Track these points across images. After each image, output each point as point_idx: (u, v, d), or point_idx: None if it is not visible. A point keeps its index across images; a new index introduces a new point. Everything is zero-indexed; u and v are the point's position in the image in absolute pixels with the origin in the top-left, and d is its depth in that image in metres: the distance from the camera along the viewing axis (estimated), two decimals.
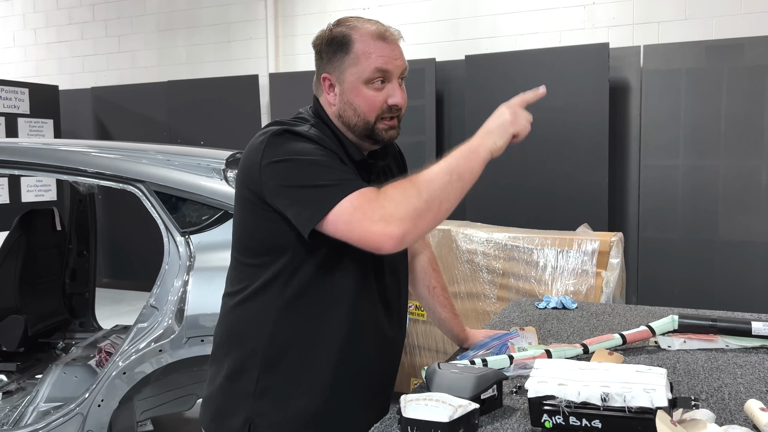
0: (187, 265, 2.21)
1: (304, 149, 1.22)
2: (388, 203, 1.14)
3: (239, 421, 1.31)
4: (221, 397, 1.35)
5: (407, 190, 1.14)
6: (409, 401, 1.08)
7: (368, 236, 1.14)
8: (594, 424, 1.04)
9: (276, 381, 1.30)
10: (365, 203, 1.14)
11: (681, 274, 4.65)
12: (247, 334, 1.32)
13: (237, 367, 1.33)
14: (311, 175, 1.19)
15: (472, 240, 3.12)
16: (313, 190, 1.17)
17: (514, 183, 4.73)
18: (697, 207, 4.62)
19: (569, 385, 1.06)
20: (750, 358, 1.51)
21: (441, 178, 1.15)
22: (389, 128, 1.32)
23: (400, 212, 1.13)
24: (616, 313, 1.98)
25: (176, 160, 2.44)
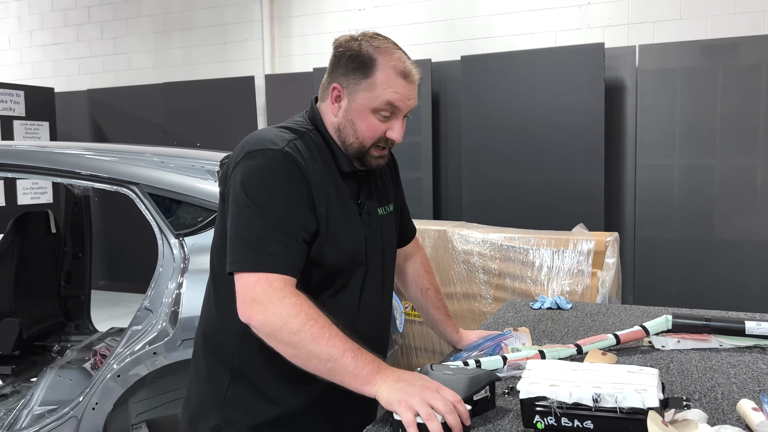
0: (182, 268, 2.20)
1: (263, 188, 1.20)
2: (275, 304, 1.14)
3: (209, 426, 1.31)
4: (197, 399, 1.36)
5: (295, 318, 1.13)
6: None
7: (239, 301, 1.17)
8: (586, 425, 1.04)
9: (244, 389, 1.29)
10: (264, 282, 1.15)
11: (677, 273, 4.66)
12: (219, 341, 1.32)
13: (210, 372, 1.34)
14: (252, 228, 1.19)
15: (468, 240, 3.12)
16: (245, 245, 1.18)
17: (510, 183, 4.73)
18: (693, 206, 4.62)
19: (561, 386, 1.06)
20: (743, 358, 1.51)
21: (320, 351, 1.12)
22: (379, 157, 1.33)
23: (270, 319, 1.14)
24: (611, 313, 1.98)
25: (170, 162, 2.44)
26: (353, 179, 1.35)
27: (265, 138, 1.26)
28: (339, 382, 1.13)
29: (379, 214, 1.41)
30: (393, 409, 1.06)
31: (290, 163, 1.23)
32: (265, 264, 1.17)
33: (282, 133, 1.29)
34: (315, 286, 1.26)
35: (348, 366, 1.11)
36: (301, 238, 1.21)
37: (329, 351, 1.11)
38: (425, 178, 5.07)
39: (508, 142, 4.73)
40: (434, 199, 5.17)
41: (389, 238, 1.45)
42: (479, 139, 4.81)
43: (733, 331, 1.59)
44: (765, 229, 4.46)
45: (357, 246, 1.32)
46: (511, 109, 4.69)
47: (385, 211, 1.44)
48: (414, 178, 5.04)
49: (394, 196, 1.50)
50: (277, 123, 1.36)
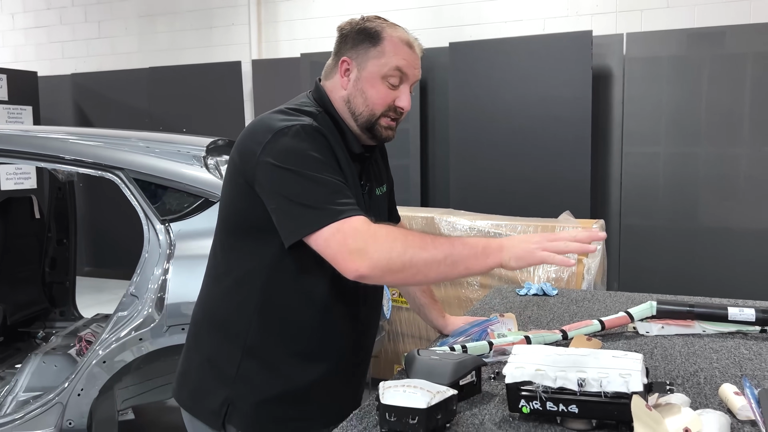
0: (167, 253, 2.19)
1: (304, 158, 1.21)
2: (371, 242, 1.15)
3: (217, 401, 1.32)
4: (200, 377, 1.36)
5: (395, 242, 1.15)
6: (387, 388, 1.08)
7: (338, 261, 1.17)
8: (571, 409, 1.05)
9: (256, 365, 1.31)
10: (349, 231, 1.16)
11: (662, 260, 4.70)
12: (231, 319, 1.33)
13: (219, 350, 1.34)
14: (305, 192, 1.19)
15: (455, 227, 3.13)
16: (303, 208, 1.18)
17: (497, 170, 4.73)
18: (678, 194, 4.66)
19: (546, 371, 1.07)
20: (726, 343, 1.53)
21: (434, 254, 1.15)
22: (388, 127, 1.35)
23: (376, 257, 1.14)
24: (596, 299, 2.00)
25: (156, 147, 2.42)
26: (358, 160, 1.37)
27: (284, 119, 1.26)
28: (464, 271, 1.17)
29: (377, 194, 1.45)
30: (530, 261, 1.14)
31: (320, 135, 1.25)
32: (338, 213, 1.17)
33: (299, 114, 1.29)
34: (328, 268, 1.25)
35: (464, 251, 1.16)
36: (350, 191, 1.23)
37: (442, 249, 1.15)
38: (413, 166, 5.07)
39: (495, 129, 4.73)
40: (422, 187, 5.17)
41: (384, 216, 1.49)
42: (467, 126, 4.80)
43: (716, 317, 1.61)
44: (748, 217, 4.51)
45: None
46: (499, 96, 4.69)
47: (380, 192, 1.47)
48: (402, 165, 5.04)
49: (387, 179, 1.52)
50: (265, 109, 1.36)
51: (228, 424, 1.32)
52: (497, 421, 1.12)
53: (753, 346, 1.50)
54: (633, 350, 1.50)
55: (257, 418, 1.31)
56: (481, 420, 1.13)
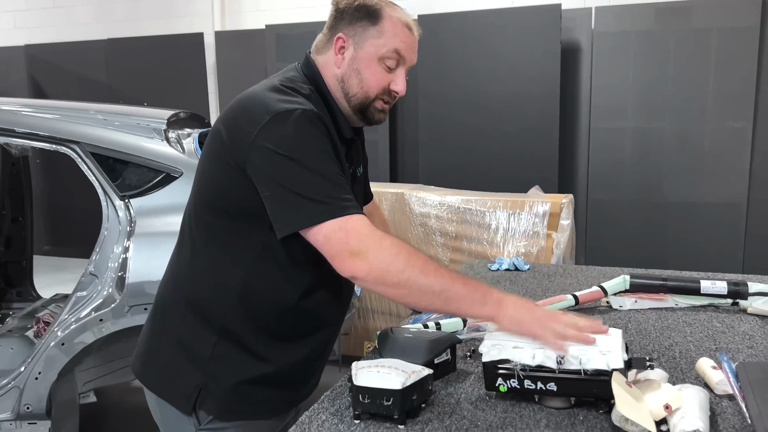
0: (128, 231, 2.10)
1: (306, 148, 1.14)
2: (374, 248, 1.11)
3: (189, 385, 1.26)
4: (170, 358, 1.30)
5: (398, 256, 1.10)
6: (360, 368, 1.03)
7: (336, 259, 1.12)
8: (549, 387, 1.02)
9: (232, 348, 1.25)
10: (353, 231, 1.11)
11: (627, 234, 4.75)
12: (207, 300, 1.26)
13: (192, 331, 1.28)
14: (307, 183, 1.13)
15: (425, 203, 3.09)
16: (303, 200, 1.12)
17: (466, 146, 4.70)
18: (644, 169, 4.70)
19: (524, 349, 1.04)
20: (699, 317, 1.52)
21: (432, 283, 1.10)
22: (381, 110, 1.29)
23: (375, 264, 1.10)
24: (568, 273, 1.98)
25: (114, 120, 2.31)
26: (345, 143, 1.31)
27: (282, 99, 1.19)
28: (455, 311, 1.14)
29: (358, 174, 1.41)
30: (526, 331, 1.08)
31: (320, 122, 1.18)
32: (341, 209, 1.12)
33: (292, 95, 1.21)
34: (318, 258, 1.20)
35: (461, 292, 1.11)
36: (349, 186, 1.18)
37: (440, 282, 1.10)
38: (381, 141, 5.00)
39: (464, 104, 4.69)
40: (391, 162, 5.12)
41: (360, 199, 1.45)
42: (435, 100, 4.75)
43: (688, 290, 1.60)
44: (711, 191, 4.58)
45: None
46: (468, 69, 4.64)
47: (360, 174, 1.42)
48: (371, 141, 4.95)
49: (365, 160, 1.48)
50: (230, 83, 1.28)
51: (199, 409, 1.26)
52: (473, 400, 1.09)
53: (725, 319, 1.50)
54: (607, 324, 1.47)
55: (231, 401, 1.26)
56: (457, 399, 1.10)
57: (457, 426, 1.00)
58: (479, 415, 1.03)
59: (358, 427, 1.00)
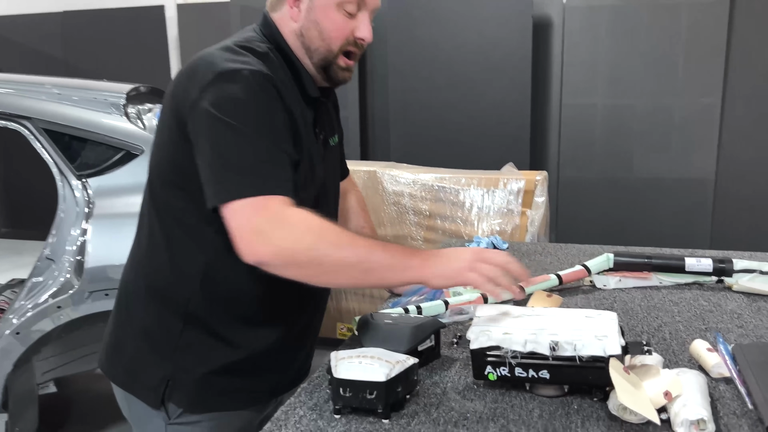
0: (86, 212, 1.98)
1: (246, 112, 1.05)
2: (279, 227, 1.00)
3: (156, 377, 1.18)
4: (135, 350, 1.22)
5: (307, 233, 1.01)
6: (340, 359, 0.96)
7: (237, 239, 1.02)
8: (541, 375, 0.96)
9: (199, 335, 1.17)
10: (261, 208, 1.01)
11: (598, 211, 4.75)
12: (170, 287, 1.17)
13: (157, 320, 1.19)
14: (236, 151, 1.03)
15: (398, 181, 3.01)
16: (227, 170, 1.03)
17: (438, 122, 4.63)
18: (614, 145, 4.69)
19: (515, 334, 0.97)
20: (684, 295, 1.48)
21: (347, 255, 1.01)
22: (346, 68, 1.19)
23: (279, 244, 1.00)
24: (547, 252, 1.93)
25: (69, 95, 2.17)
26: (313, 106, 1.22)
27: (230, 58, 1.09)
28: (378, 281, 1.06)
29: (331, 144, 1.31)
30: (455, 281, 1.03)
31: (270, 85, 1.08)
32: (261, 187, 1.02)
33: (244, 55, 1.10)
34: None
35: (381, 260, 1.02)
36: (290, 165, 1.08)
37: (356, 252, 1.01)
38: (352, 118, 4.89)
39: (435, 80, 4.61)
40: (362, 140, 5.02)
41: (336, 172, 1.37)
42: (406, 76, 4.66)
43: (673, 268, 1.56)
44: (680, 167, 4.60)
45: (319, 180, 1.22)
46: (439, 45, 4.55)
47: (334, 143, 1.33)
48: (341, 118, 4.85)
49: (339, 130, 1.38)
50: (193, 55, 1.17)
51: (168, 402, 1.18)
52: (461, 390, 1.03)
53: (711, 297, 1.46)
54: (592, 305, 1.44)
55: (200, 392, 1.18)
56: (444, 389, 1.03)
57: (445, 419, 0.93)
58: (468, 406, 0.97)
59: (339, 423, 0.93)
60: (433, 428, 0.91)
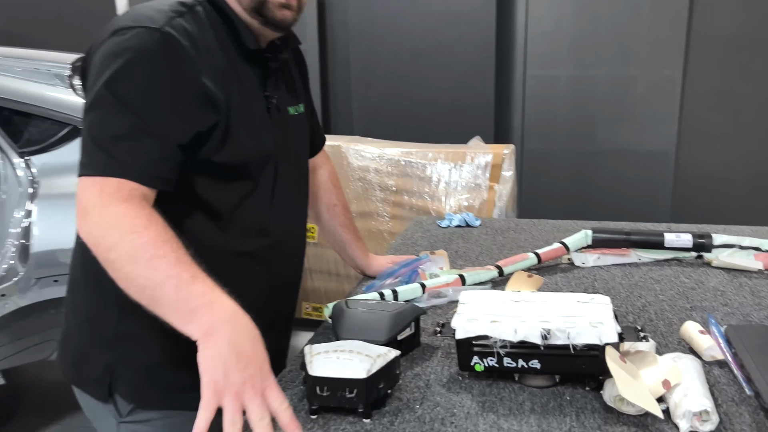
0: (30, 193, 1.84)
1: (134, 83, 0.94)
2: (98, 213, 0.90)
3: (99, 368, 1.10)
4: (80, 340, 1.14)
5: (112, 231, 0.89)
6: (315, 354, 0.87)
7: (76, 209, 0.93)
8: (532, 365, 0.90)
9: (137, 324, 1.06)
10: (96, 189, 0.92)
11: (561, 184, 4.74)
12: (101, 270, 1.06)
13: (94, 307, 1.11)
14: (104, 122, 0.94)
15: (363, 156, 2.92)
16: (95, 146, 0.93)
17: (402, 94, 4.53)
18: (577, 117, 4.67)
19: (504, 322, 0.91)
20: (664, 272, 1.44)
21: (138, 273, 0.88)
22: (284, 6, 1.05)
23: (90, 230, 0.91)
24: (521, 228, 1.87)
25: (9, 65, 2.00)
26: (258, 65, 1.10)
27: (142, 14, 0.98)
28: (162, 315, 0.87)
29: (291, 113, 1.19)
30: (203, 384, 0.80)
31: (171, 47, 0.96)
32: (108, 168, 0.92)
33: (162, 8, 1.00)
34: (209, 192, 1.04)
35: (168, 296, 0.86)
36: (174, 142, 0.96)
37: (147, 274, 0.87)
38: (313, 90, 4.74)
39: (397, 51, 4.49)
40: (323, 112, 4.88)
41: (302, 143, 1.25)
42: (367, 47, 4.53)
43: (652, 244, 1.52)
44: (643, 138, 4.61)
45: (262, 147, 1.09)
46: (401, 16, 4.43)
47: (296, 111, 1.22)
48: None
49: (304, 96, 1.26)
50: None
51: (115, 395, 1.10)
52: (445, 382, 0.96)
53: (692, 274, 1.42)
54: (572, 284, 1.39)
55: (146, 386, 1.10)
56: (427, 381, 0.96)
57: (431, 416, 0.86)
58: (454, 400, 0.90)
59: (316, 425, 0.85)
60: (418, 427, 0.84)
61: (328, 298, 3.02)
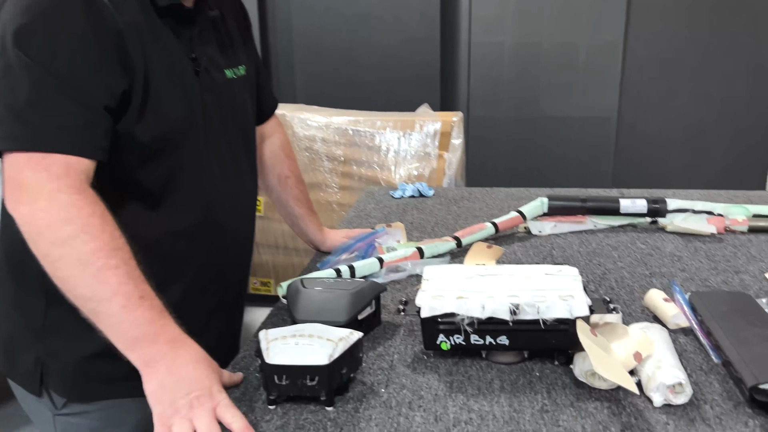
0: None
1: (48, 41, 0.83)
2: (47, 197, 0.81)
3: (30, 360, 1.01)
4: (9, 328, 1.05)
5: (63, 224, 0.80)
6: (272, 340, 0.81)
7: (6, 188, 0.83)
8: (500, 341, 0.86)
9: (66, 314, 0.95)
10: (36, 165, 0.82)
11: (506, 152, 4.76)
12: (23, 254, 0.94)
13: (21, 296, 1.01)
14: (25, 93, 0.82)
15: (309, 125, 2.83)
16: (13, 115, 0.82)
17: (346, 61, 4.41)
18: (521, 84, 4.67)
19: (470, 298, 0.86)
20: (620, 238, 1.43)
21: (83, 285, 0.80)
22: None
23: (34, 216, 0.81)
24: (475, 197, 1.84)
25: None
26: (182, 24, 0.98)
27: None
28: (102, 330, 0.81)
29: (227, 77, 1.08)
30: (153, 417, 0.77)
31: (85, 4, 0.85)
32: (40, 140, 0.82)
33: None
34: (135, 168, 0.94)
35: (113, 315, 0.80)
36: (101, 105, 0.86)
37: (94, 286, 0.80)
38: None
39: (341, 17, 4.36)
40: None
41: (243, 109, 1.13)
42: (310, 12, 4.38)
43: (608, 210, 1.51)
44: (585, 105, 4.65)
45: (189, 115, 0.99)
46: None
47: (235, 74, 1.10)
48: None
49: (246, 57, 1.15)
50: None
51: (49, 389, 1.02)
52: (409, 362, 0.91)
53: (648, 240, 1.42)
54: (530, 253, 1.36)
55: (79, 378, 1.01)
56: (391, 362, 0.91)
57: (397, 400, 0.82)
58: (421, 382, 0.86)
59: (275, 415, 0.79)
60: (385, 413, 0.79)
61: (276, 272, 2.94)
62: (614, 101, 4.63)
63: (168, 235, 0.99)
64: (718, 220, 1.46)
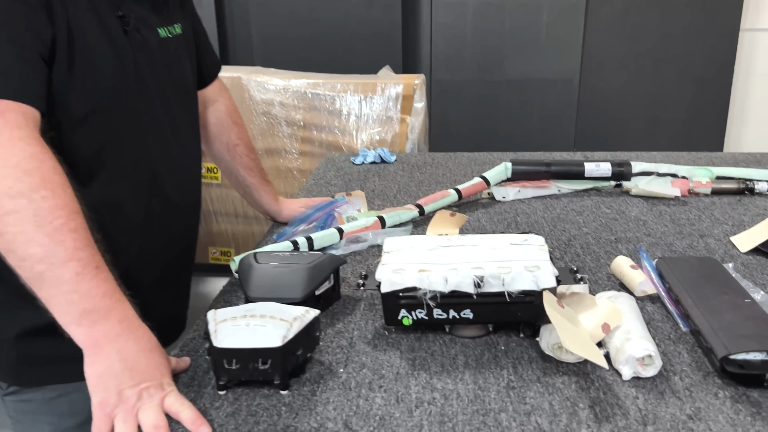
0: None
1: None
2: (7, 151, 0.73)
3: None
4: None
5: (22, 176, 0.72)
6: (220, 322, 0.75)
7: None
8: (464, 315, 0.82)
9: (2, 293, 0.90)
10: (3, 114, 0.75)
11: (468, 115, 4.71)
12: None
13: None
14: None
15: (266, 89, 2.73)
16: None
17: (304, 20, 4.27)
18: (485, 46, 4.60)
19: (433, 271, 0.82)
20: (585, 203, 1.41)
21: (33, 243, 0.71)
22: None
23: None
24: (437, 163, 1.79)
25: None
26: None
27: None
28: (43, 301, 0.73)
29: (161, 36, 1.00)
30: (92, 404, 0.71)
31: None
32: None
33: None
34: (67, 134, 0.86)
35: (64, 282, 0.72)
36: (36, 51, 0.80)
37: (48, 245, 0.71)
38: (207, 16, 4.39)
39: None
40: (219, 40, 4.55)
41: (180, 70, 1.05)
42: None
43: (572, 174, 1.48)
44: (548, 67, 4.61)
45: (119, 75, 0.91)
46: None
47: (170, 33, 1.02)
48: None
49: (182, 15, 1.07)
50: None
51: None
52: (370, 339, 0.87)
53: (612, 204, 1.39)
54: (495, 220, 1.32)
55: (18, 359, 0.94)
56: (350, 339, 0.87)
57: (356, 380, 0.77)
58: (382, 360, 0.82)
59: (225, 401, 0.74)
60: (343, 395, 0.75)
61: (236, 241, 2.87)
62: (576, 63, 4.61)
63: (106, 206, 0.92)
64: (681, 183, 1.44)
